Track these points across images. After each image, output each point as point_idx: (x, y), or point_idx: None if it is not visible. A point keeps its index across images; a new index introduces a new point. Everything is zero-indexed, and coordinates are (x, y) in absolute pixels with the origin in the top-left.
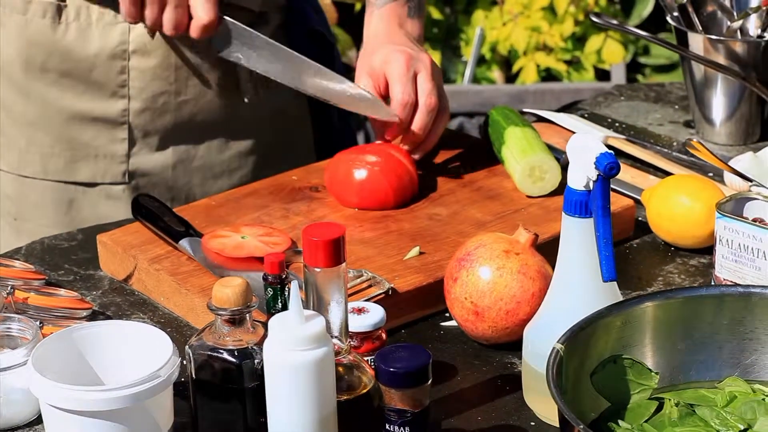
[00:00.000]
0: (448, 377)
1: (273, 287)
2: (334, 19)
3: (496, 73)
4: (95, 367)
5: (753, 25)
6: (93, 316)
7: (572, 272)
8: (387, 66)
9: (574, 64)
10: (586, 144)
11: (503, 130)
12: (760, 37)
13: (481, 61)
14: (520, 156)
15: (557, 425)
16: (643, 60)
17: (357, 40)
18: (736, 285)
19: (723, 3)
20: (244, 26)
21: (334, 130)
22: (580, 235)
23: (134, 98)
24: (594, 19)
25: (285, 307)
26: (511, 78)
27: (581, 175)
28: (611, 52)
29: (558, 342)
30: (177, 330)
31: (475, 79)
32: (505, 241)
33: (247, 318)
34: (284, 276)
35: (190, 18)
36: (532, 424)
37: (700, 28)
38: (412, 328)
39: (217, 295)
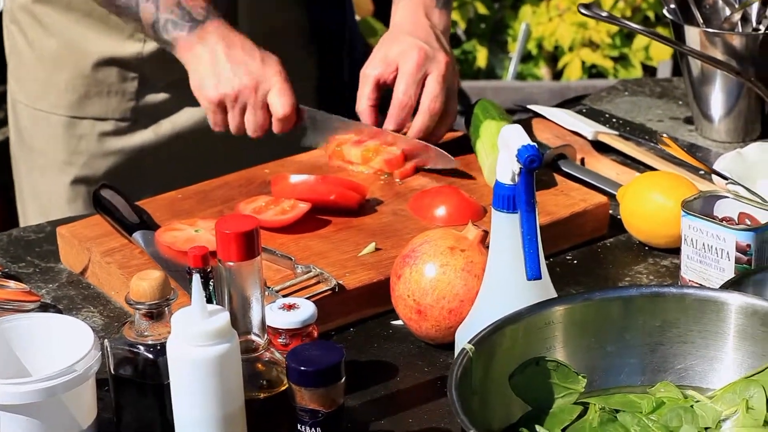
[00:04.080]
0: (388, 377)
1: None
2: (370, 11)
3: (543, 69)
4: (24, 361)
5: (755, 16)
6: (43, 309)
7: (502, 270)
8: (401, 59)
9: (621, 60)
10: (511, 135)
11: (480, 123)
12: (755, 30)
13: (528, 57)
14: (491, 150)
15: None
16: None
17: None
18: (670, 285)
19: None
20: (320, 111)
21: (344, 85)
22: (509, 231)
23: (148, 41)
24: (582, 11)
25: (210, 301)
26: (557, 74)
27: (509, 169)
28: (659, 48)
29: (469, 342)
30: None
31: (521, 76)
32: (451, 237)
33: (166, 312)
34: (209, 269)
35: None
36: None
37: (701, 21)
38: (361, 326)
39: (134, 288)
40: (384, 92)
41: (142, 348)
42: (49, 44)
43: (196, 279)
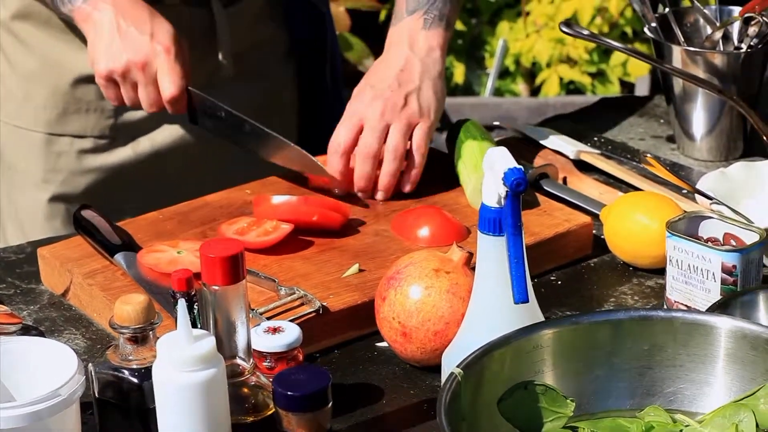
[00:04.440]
0: (373, 400)
1: None
2: (347, 27)
3: (520, 86)
4: (7, 384)
5: (736, 35)
6: (25, 332)
7: (488, 293)
8: (364, 113)
9: (599, 76)
10: (497, 158)
11: (461, 144)
12: (737, 48)
13: (505, 73)
14: (472, 171)
15: None
16: None
17: (372, 48)
18: (658, 309)
19: (705, 13)
20: (207, 96)
21: (326, 92)
22: (496, 253)
23: None
24: (564, 29)
25: (194, 325)
26: (535, 90)
27: (495, 192)
28: (637, 64)
29: (457, 366)
30: (107, 347)
31: (499, 92)
32: (436, 259)
33: (151, 336)
34: (192, 293)
35: None
36: None
37: (682, 40)
38: (345, 349)
39: (118, 312)
40: None
41: (126, 372)
42: (28, 61)
43: (182, 304)
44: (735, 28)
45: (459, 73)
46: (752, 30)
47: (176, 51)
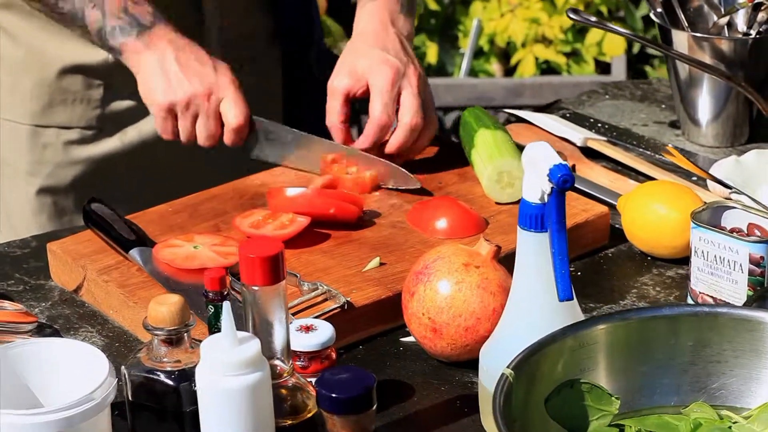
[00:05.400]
0: (405, 398)
1: (214, 304)
2: (324, 9)
3: (494, 66)
4: (32, 387)
5: (741, 21)
6: (39, 330)
7: (528, 290)
8: (371, 76)
9: (574, 56)
10: (540, 154)
11: (474, 132)
12: (746, 34)
13: (479, 53)
14: (488, 160)
15: None
16: (652, 51)
17: (348, 31)
18: (701, 305)
19: None
20: (274, 123)
21: (312, 81)
22: (537, 250)
23: None
24: (571, 15)
25: None
26: (510, 71)
27: (536, 188)
28: (612, 44)
29: (507, 367)
30: (125, 345)
31: (473, 72)
32: (465, 253)
33: (185, 337)
34: (226, 292)
35: (223, 126)
36: None
37: (686, 25)
38: (369, 344)
39: (152, 314)
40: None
41: (162, 375)
42: (14, 52)
43: (227, 306)
44: (740, 15)
45: (432, 53)
46: (762, 16)
47: (239, 83)
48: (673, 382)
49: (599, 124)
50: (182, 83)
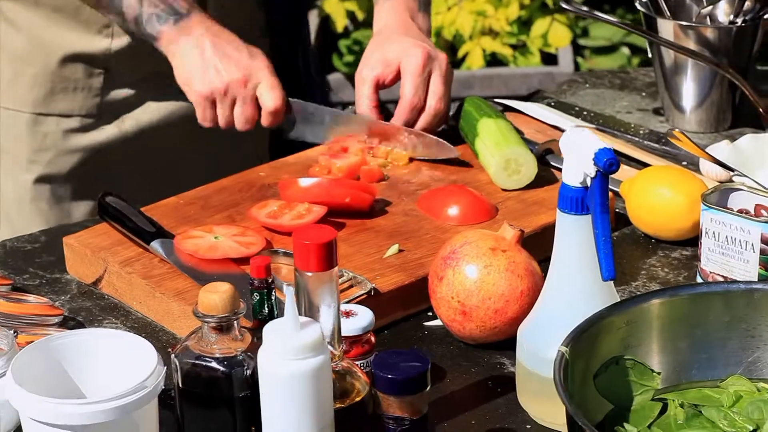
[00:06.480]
0: (437, 380)
1: (259, 292)
2: None
3: None
4: (74, 377)
5: (722, 12)
6: (63, 323)
7: (568, 270)
8: (404, 58)
9: (520, 48)
10: (582, 139)
11: (476, 122)
12: (731, 23)
13: None
14: (495, 149)
15: (553, 427)
16: (582, 42)
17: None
18: (738, 282)
19: None
20: (309, 104)
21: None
22: (577, 232)
23: (117, 37)
24: (564, 5)
25: (271, 312)
26: (456, 63)
27: (577, 171)
28: (557, 35)
29: (563, 344)
30: (152, 335)
31: None
32: (491, 238)
33: (235, 325)
34: (270, 280)
35: (260, 109)
36: (528, 426)
37: (668, 14)
38: (394, 329)
39: (203, 301)
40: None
41: (213, 362)
42: (15, 40)
43: (289, 292)
44: (720, 6)
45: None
46: (748, 5)
47: (273, 67)
48: (712, 357)
49: (585, 112)
50: (219, 71)
